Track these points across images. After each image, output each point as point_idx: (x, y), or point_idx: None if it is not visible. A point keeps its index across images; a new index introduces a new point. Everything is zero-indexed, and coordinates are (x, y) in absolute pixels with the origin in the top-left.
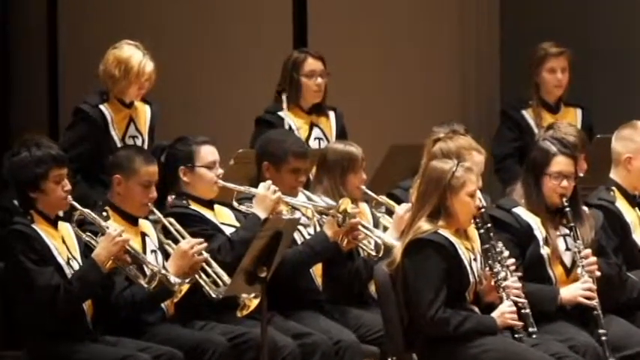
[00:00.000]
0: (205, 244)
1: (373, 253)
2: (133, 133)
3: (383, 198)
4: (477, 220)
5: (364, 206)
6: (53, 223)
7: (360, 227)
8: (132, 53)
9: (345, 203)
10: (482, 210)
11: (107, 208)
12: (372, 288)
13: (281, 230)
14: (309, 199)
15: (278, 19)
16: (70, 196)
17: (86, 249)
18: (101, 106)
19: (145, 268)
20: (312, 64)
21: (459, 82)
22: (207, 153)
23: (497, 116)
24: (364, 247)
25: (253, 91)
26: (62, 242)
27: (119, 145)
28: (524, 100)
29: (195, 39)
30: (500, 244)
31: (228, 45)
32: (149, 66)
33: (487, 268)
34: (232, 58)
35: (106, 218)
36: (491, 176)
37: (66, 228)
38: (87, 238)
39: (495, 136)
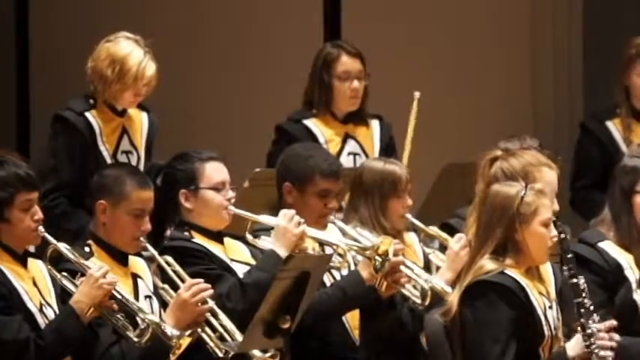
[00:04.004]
0: (211, 291)
1: (418, 301)
2: (126, 148)
3: (433, 229)
4: (563, 257)
5: (412, 237)
6: (21, 260)
7: (402, 267)
8: (130, 50)
9: (386, 244)
10: (563, 236)
11: (90, 242)
12: (424, 340)
13: (308, 270)
14: (342, 231)
15: (305, 11)
16: (41, 227)
17: (64, 293)
18: (87, 114)
19: (137, 318)
20: (346, 63)
21: (531, 86)
22: (214, 172)
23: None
24: (408, 292)
25: (274, 98)
26: (33, 284)
27: (109, 162)
28: (610, 108)
29: (199, 34)
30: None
31: (243, 42)
32: (150, 68)
33: (579, 329)
34: (247, 58)
35: (89, 255)
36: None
37: (37, 267)
38: (63, 281)
39: (573, 162)
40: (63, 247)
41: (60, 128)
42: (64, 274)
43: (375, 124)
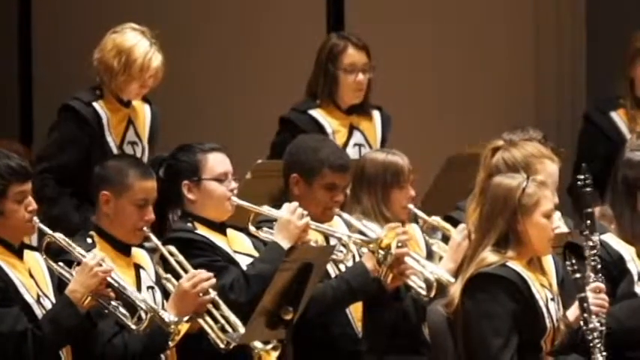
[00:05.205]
0: (213, 281)
1: (423, 293)
2: (132, 139)
3: (436, 219)
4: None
5: (414, 228)
6: (17, 252)
7: (407, 259)
8: (136, 42)
9: (390, 237)
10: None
11: (92, 233)
12: (427, 331)
13: (310, 261)
14: (347, 223)
15: (309, 5)
16: (36, 218)
17: (61, 283)
18: (95, 104)
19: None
20: (353, 55)
21: (534, 77)
22: (217, 162)
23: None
24: (413, 283)
25: (277, 90)
26: (29, 276)
27: (116, 152)
28: (614, 99)
29: (203, 27)
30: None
31: (246, 35)
32: (156, 60)
33: (582, 323)
34: (251, 51)
35: (91, 246)
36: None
37: (34, 258)
38: (60, 270)
39: (576, 154)
40: (59, 237)
41: (67, 117)
42: (61, 264)
43: (376, 115)
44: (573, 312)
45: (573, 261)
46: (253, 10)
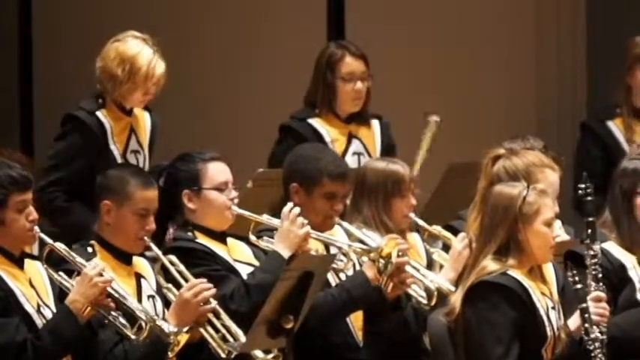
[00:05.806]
0: (213, 290)
1: (424, 302)
2: (134, 147)
3: (437, 228)
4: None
5: (415, 237)
6: (18, 261)
7: (408, 268)
8: (139, 50)
9: (391, 246)
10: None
11: (93, 242)
12: (427, 340)
13: (311, 270)
14: (347, 232)
15: (309, 12)
16: (37, 228)
17: (62, 293)
18: (98, 113)
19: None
20: (350, 64)
21: (535, 85)
22: (217, 172)
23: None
24: (414, 292)
25: (278, 98)
26: (30, 285)
27: (120, 161)
28: (611, 107)
29: (202, 35)
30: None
31: (246, 43)
32: (160, 67)
33: (583, 334)
34: (251, 59)
35: (92, 255)
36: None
37: (35, 267)
38: (60, 280)
39: (575, 163)
40: (59, 246)
41: (72, 127)
42: (61, 273)
43: (375, 123)
44: (574, 321)
45: (574, 272)
46: (253, 11)
